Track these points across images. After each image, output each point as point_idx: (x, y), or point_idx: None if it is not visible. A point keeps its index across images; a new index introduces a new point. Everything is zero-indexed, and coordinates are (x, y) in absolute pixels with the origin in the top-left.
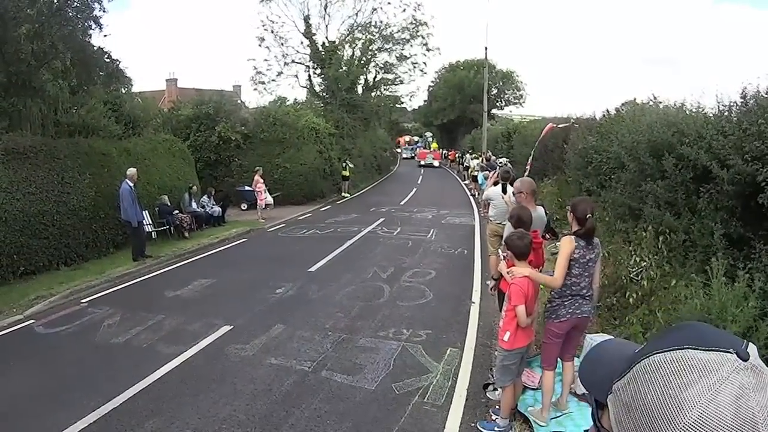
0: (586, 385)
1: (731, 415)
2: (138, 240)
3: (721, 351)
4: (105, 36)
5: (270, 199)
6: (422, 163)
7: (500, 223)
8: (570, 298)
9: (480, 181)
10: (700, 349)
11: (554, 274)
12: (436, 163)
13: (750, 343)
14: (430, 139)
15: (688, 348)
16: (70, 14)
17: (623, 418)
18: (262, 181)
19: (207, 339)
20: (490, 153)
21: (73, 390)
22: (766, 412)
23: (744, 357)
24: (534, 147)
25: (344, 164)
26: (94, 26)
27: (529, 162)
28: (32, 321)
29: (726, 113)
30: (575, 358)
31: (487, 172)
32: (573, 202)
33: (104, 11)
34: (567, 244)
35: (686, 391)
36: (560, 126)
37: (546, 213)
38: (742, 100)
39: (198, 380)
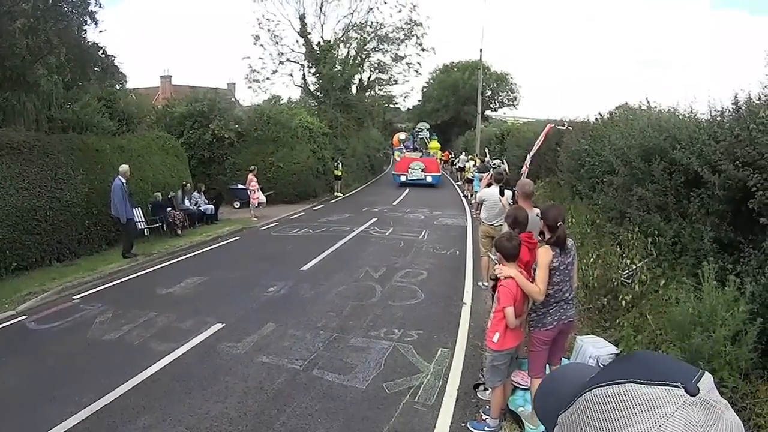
0: (539, 415)
1: None
2: (128, 236)
3: (667, 386)
4: (100, 32)
5: (263, 198)
6: (404, 179)
7: (492, 225)
8: (555, 305)
9: (475, 183)
10: (645, 383)
11: (537, 286)
12: (429, 179)
13: (705, 375)
14: (427, 135)
15: (632, 382)
16: (66, 9)
17: None
18: (255, 180)
19: (199, 337)
20: (487, 151)
21: (65, 386)
22: None
23: (692, 392)
24: (533, 148)
25: (336, 164)
26: (89, 22)
27: (525, 164)
28: (24, 317)
29: (718, 119)
30: (565, 360)
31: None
32: (543, 210)
33: (100, 6)
34: (544, 255)
35: (628, 427)
36: (559, 128)
37: None
38: (734, 107)
39: (190, 378)
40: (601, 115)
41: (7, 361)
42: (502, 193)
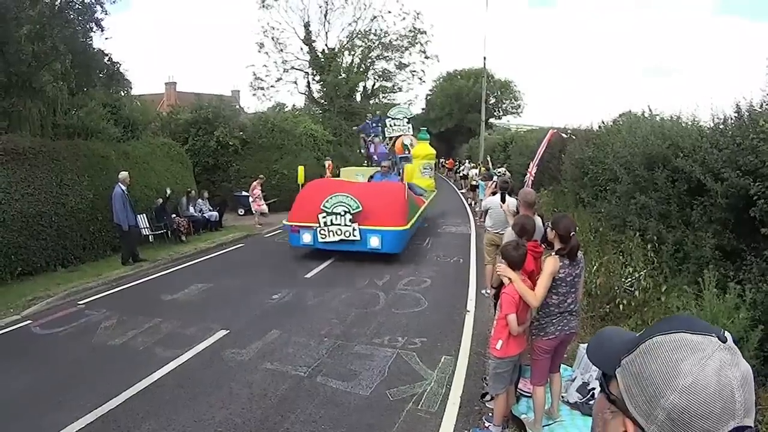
0: (595, 361)
1: (714, 382)
2: (127, 244)
3: (706, 334)
4: (106, 39)
5: (265, 208)
6: (308, 240)
7: (497, 233)
8: (558, 315)
9: (480, 191)
10: (691, 333)
11: (536, 291)
12: (373, 241)
13: (726, 332)
14: (405, 128)
15: (682, 332)
16: (72, 16)
17: (631, 384)
18: (260, 188)
19: (203, 343)
20: (489, 159)
21: (69, 391)
22: (739, 381)
23: (723, 339)
24: (536, 156)
25: (337, 171)
26: (95, 28)
27: (530, 171)
28: (29, 321)
29: (721, 126)
30: (569, 368)
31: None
32: (554, 219)
33: (106, 13)
34: (551, 264)
35: (681, 363)
36: (561, 134)
37: (543, 224)
38: (736, 114)
39: (194, 384)
40: (604, 123)
41: (12, 365)
42: (503, 200)
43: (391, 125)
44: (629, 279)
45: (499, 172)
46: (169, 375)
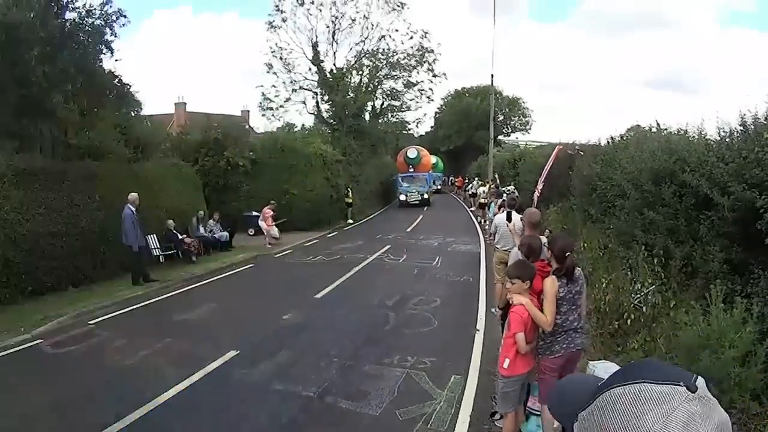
0: (555, 414)
1: None
2: (138, 264)
3: (672, 384)
4: (116, 60)
5: (275, 232)
6: None
7: (506, 250)
8: (563, 334)
9: (491, 209)
10: (655, 383)
11: (545, 316)
12: None
13: (699, 377)
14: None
15: (644, 382)
16: (82, 38)
17: None
18: (270, 213)
19: (213, 363)
20: (496, 177)
21: (79, 410)
22: None
23: (692, 389)
24: (543, 172)
25: (347, 191)
26: (105, 50)
27: (538, 188)
28: (40, 340)
29: (727, 140)
30: None
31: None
32: (550, 239)
33: (115, 36)
34: (551, 286)
35: (642, 418)
36: (568, 151)
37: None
38: (742, 127)
39: (204, 404)
40: (612, 138)
41: (23, 384)
42: (509, 219)
43: None
44: (638, 295)
45: (508, 190)
46: (178, 395)
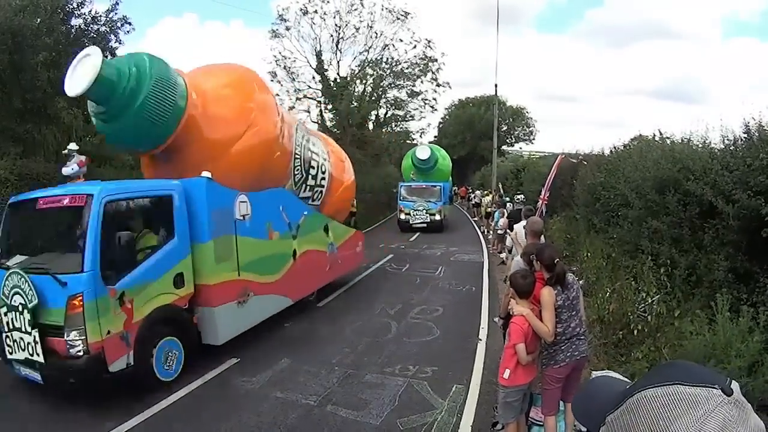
0: (579, 418)
1: None
2: None
3: (707, 386)
4: None
5: None
6: None
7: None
8: (566, 342)
9: (495, 218)
10: (688, 385)
11: (546, 327)
12: None
13: (733, 380)
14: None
15: (677, 384)
16: (87, 44)
17: None
18: None
19: (213, 371)
20: (501, 187)
21: (75, 418)
22: None
23: (728, 392)
24: (545, 181)
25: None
26: (110, 58)
27: (542, 197)
28: None
29: (731, 148)
30: None
31: (502, 209)
32: (537, 250)
33: (120, 42)
34: (548, 296)
35: (676, 423)
36: (571, 159)
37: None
38: (746, 135)
39: (203, 412)
40: (615, 147)
41: (15, 390)
42: (511, 228)
43: None
44: (642, 304)
45: (518, 199)
46: (177, 402)
